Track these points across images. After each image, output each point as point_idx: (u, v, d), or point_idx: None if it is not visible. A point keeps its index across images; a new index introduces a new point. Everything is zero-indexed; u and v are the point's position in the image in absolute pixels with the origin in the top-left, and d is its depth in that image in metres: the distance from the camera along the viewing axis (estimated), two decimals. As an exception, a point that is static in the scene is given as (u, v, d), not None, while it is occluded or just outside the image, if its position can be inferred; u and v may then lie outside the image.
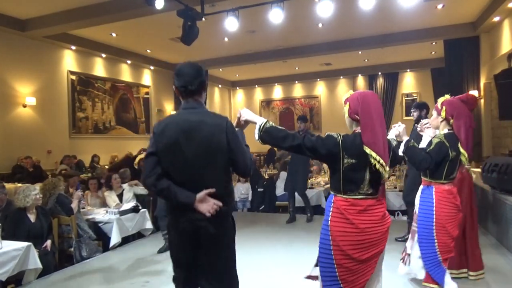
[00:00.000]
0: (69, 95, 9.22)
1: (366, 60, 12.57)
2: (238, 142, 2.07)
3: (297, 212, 6.85)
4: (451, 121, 2.89)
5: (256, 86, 16.18)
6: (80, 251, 4.62)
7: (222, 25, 6.73)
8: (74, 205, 4.72)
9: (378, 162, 1.98)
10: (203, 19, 6.47)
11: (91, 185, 5.76)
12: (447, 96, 3.00)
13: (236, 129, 2.20)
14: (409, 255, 3.08)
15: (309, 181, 7.57)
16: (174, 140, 2.01)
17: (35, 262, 3.80)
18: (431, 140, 2.93)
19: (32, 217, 4.22)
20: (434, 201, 2.83)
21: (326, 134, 2.11)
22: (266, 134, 2.10)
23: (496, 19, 7.89)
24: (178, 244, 2.13)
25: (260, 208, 7.87)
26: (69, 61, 9.29)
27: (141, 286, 3.84)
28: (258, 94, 16.39)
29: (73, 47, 9.22)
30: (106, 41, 9.59)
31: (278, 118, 15.80)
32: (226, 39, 9.52)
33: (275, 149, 12.94)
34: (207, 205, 1.98)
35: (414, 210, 3.07)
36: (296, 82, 15.39)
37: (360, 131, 2.06)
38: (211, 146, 2.01)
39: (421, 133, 3.32)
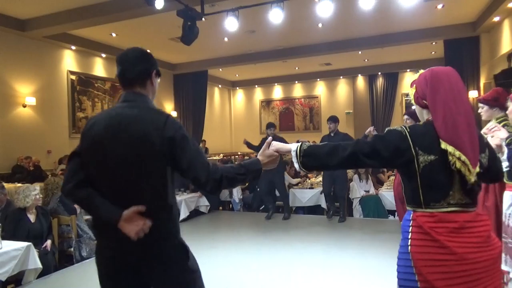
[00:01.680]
0: (69, 95, 9.21)
1: (366, 60, 12.57)
2: (184, 147, 1.58)
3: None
4: None
5: (256, 86, 16.17)
6: (80, 251, 4.62)
7: (222, 25, 6.73)
8: (77, 205, 4.74)
9: (459, 159, 1.43)
10: (203, 19, 6.46)
11: None
12: None
13: (260, 157, 1.74)
14: None
15: (308, 180, 7.58)
16: (98, 139, 1.60)
17: (35, 262, 3.80)
18: None
19: (31, 217, 4.23)
20: None
21: (386, 129, 1.63)
22: (307, 158, 1.62)
23: (496, 19, 7.89)
24: (106, 274, 1.67)
25: (260, 208, 7.87)
26: (69, 61, 9.28)
27: (141, 286, 3.84)
28: (258, 94, 16.38)
29: (73, 47, 9.21)
30: (106, 41, 9.58)
31: (278, 118, 15.79)
32: (226, 39, 9.51)
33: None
34: (135, 225, 1.53)
35: (504, 221, 2.54)
36: (296, 82, 15.39)
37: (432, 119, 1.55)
38: (141, 149, 1.56)
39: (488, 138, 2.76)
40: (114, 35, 9.05)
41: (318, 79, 14.94)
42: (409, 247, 1.49)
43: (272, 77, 15.12)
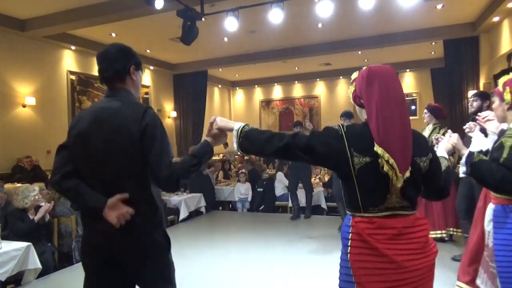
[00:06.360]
0: (69, 95, 9.20)
1: (366, 60, 12.56)
2: (155, 139, 1.62)
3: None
4: None
5: (256, 86, 16.17)
6: (80, 251, 4.62)
7: (222, 25, 6.73)
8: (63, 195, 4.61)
9: (387, 161, 1.40)
10: (203, 19, 6.46)
11: None
12: None
13: (208, 139, 1.77)
14: None
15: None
16: (84, 132, 1.66)
17: (34, 262, 3.81)
18: (500, 141, 1.99)
19: (32, 217, 4.23)
20: None
21: (325, 126, 1.59)
22: (245, 140, 1.58)
23: (496, 19, 7.88)
24: (90, 262, 1.73)
25: (260, 208, 7.88)
26: (68, 61, 9.28)
27: (141, 286, 3.84)
28: (258, 94, 16.38)
29: (73, 47, 9.21)
30: (106, 41, 9.56)
31: (278, 118, 15.79)
32: (226, 39, 9.51)
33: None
34: (117, 213, 1.58)
35: (486, 243, 2.14)
36: (296, 82, 15.39)
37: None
38: (121, 140, 1.62)
39: (470, 134, 2.50)
40: (114, 35, 9.04)
41: (318, 79, 14.94)
42: (349, 255, 1.46)
43: (272, 77, 15.11)
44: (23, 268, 3.74)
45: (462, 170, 1.98)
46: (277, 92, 16.06)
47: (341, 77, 14.58)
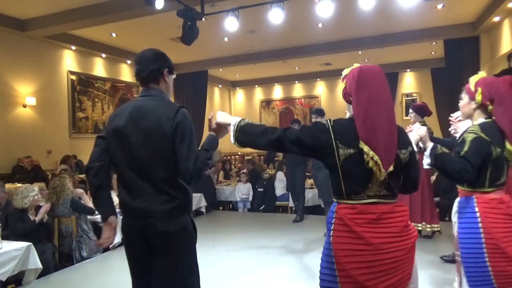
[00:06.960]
0: (69, 95, 9.21)
1: (366, 60, 12.56)
2: (184, 136, 1.81)
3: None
4: (490, 107, 2.11)
5: (256, 86, 16.17)
6: (80, 251, 4.63)
7: (222, 25, 6.73)
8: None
9: (372, 158, 1.52)
10: (203, 19, 6.47)
11: None
12: (482, 74, 2.21)
13: (212, 133, 1.99)
14: None
15: (308, 180, 7.59)
16: (121, 127, 1.86)
17: (35, 262, 3.81)
18: (462, 137, 2.12)
19: (32, 217, 4.23)
20: (478, 214, 2.03)
21: (313, 121, 1.76)
22: (241, 134, 1.73)
23: (496, 19, 7.89)
24: (129, 244, 1.95)
25: (260, 208, 7.88)
26: (69, 61, 9.28)
27: (141, 286, 3.84)
28: (258, 94, 16.39)
29: (73, 47, 9.21)
30: (106, 41, 9.58)
31: (278, 118, 15.79)
32: (226, 39, 9.51)
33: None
34: (107, 238, 1.93)
35: (454, 233, 2.25)
36: (296, 82, 15.39)
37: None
38: (155, 137, 1.81)
39: (456, 134, 2.62)
40: (114, 35, 9.05)
41: (318, 79, 14.94)
42: (331, 237, 1.60)
43: (272, 77, 15.11)
44: (23, 268, 3.74)
45: (426, 161, 2.12)
46: (278, 92, 16.06)
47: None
